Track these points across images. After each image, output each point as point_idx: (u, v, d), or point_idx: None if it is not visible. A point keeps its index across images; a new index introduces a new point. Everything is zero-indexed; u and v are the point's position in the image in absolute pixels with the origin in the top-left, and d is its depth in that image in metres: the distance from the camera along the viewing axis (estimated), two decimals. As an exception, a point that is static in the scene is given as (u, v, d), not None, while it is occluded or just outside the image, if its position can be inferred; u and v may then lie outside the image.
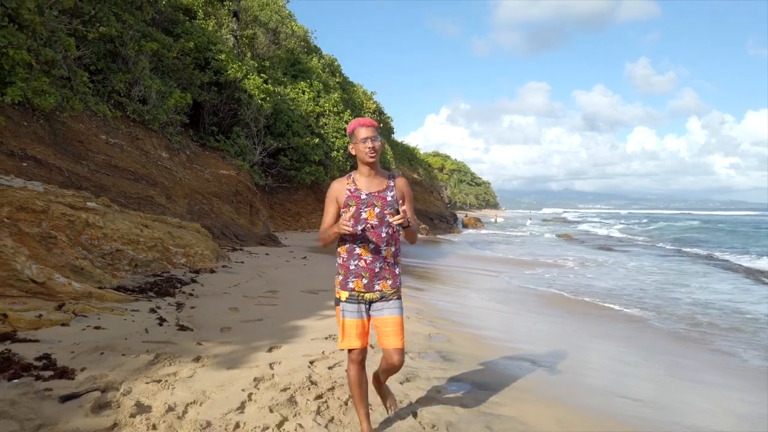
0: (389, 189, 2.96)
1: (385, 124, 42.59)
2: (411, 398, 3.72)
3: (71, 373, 3.57)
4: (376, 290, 2.92)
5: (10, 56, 8.08)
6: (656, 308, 9.44)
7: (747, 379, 5.45)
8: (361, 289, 2.90)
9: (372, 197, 2.91)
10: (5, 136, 7.37)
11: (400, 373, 4.15)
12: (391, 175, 3.04)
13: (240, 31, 25.14)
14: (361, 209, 2.90)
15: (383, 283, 2.93)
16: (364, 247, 2.89)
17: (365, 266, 2.89)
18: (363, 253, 2.89)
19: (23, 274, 4.80)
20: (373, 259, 2.89)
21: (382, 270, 2.93)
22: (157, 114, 14.33)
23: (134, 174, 10.71)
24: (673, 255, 23.23)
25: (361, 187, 2.93)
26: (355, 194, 2.92)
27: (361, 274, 2.89)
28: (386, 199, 2.92)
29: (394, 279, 2.99)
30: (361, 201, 2.90)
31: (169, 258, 7.66)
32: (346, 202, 2.91)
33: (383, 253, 2.91)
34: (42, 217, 5.92)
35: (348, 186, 2.95)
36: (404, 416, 3.39)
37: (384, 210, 2.89)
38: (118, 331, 4.63)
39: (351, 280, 2.91)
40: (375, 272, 2.90)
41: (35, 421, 2.90)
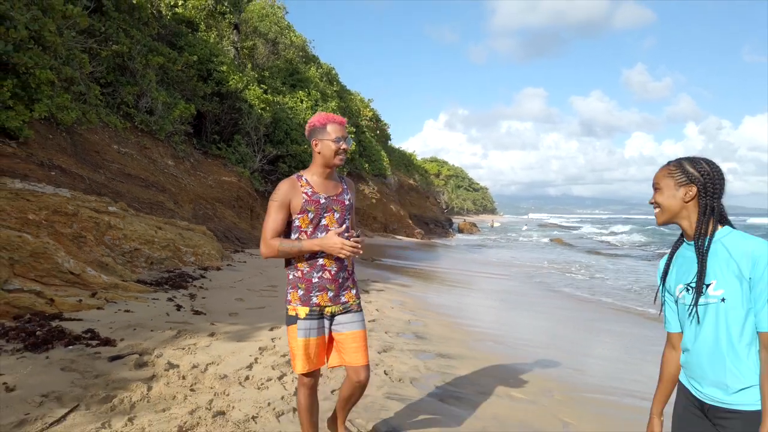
0: (345, 192, 2.73)
1: (381, 131, 43.51)
2: (385, 363, 4.62)
3: (113, 342, 4.47)
4: (342, 302, 2.69)
5: (36, 75, 8.98)
6: (602, 293, 10.35)
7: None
8: (326, 303, 2.65)
9: (331, 201, 2.65)
10: (34, 148, 8.27)
11: (380, 345, 5.06)
12: (341, 178, 2.80)
13: (240, 42, 26.10)
14: (321, 215, 2.62)
15: (348, 293, 2.72)
16: (328, 258, 2.61)
17: (330, 278, 2.63)
18: (327, 263, 2.61)
19: (63, 266, 5.69)
20: (338, 268, 2.65)
21: (346, 280, 2.71)
22: (164, 124, 15.24)
23: (145, 181, 11.61)
24: (655, 258, 24.13)
25: (318, 191, 2.64)
26: (314, 198, 2.61)
27: (326, 287, 2.63)
28: (344, 202, 2.69)
29: (356, 288, 2.80)
30: (321, 206, 2.61)
31: (180, 257, 8.55)
32: (304, 207, 2.59)
33: (345, 261, 2.69)
34: (73, 219, 6.81)
35: (303, 189, 2.62)
36: (378, 373, 4.29)
37: (343, 215, 2.67)
38: (144, 314, 5.53)
39: (315, 295, 2.63)
40: (340, 283, 2.67)
41: (92, 373, 3.79)
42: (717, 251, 1.74)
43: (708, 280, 1.74)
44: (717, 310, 1.72)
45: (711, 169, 1.80)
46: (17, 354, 4.02)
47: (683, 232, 1.87)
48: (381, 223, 30.62)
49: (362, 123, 36.26)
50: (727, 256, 1.72)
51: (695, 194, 1.79)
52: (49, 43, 9.96)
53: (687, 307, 1.80)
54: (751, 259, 1.66)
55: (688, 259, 1.84)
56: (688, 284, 1.80)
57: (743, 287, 1.68)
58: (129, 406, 3.32)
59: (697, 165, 1.81)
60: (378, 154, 35.07)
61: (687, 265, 1.84)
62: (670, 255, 1.95)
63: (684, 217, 1.82)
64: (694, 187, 1.79)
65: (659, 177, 1.86)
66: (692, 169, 1.80)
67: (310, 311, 2.62)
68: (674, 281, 1.89)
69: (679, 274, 1.87)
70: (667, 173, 1.84)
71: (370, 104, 41.77)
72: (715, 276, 1.72)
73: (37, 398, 3.28)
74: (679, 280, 1.86)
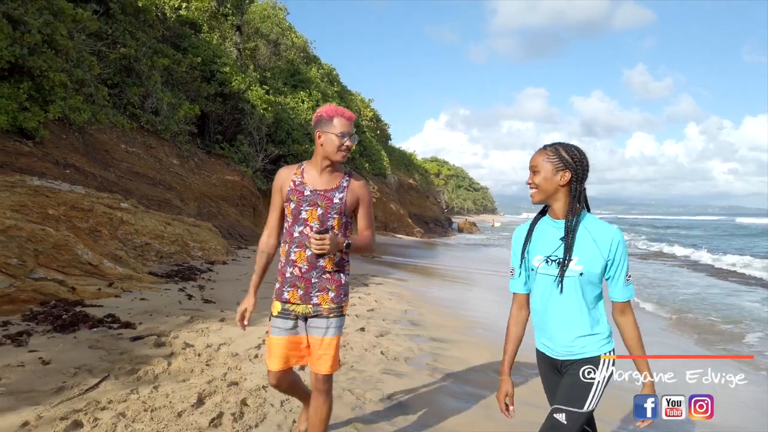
0: (339, 189, 2.51)
1: (382, 131, 43.92)
2: (382, 345, 5.02)
3: (133, 325, 4.88)
4: (313, 303, 2.49)
5: (50, 78, 9.38)
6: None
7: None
8: (296, 301, 2.49)
9: (317, 195, 2.48)
10: (49, 147, 8.68)
11: (377, 330, 5.46)
12: (348, 173, 2.59)
13: (243, 44, 26.51)
14: (301, 207, 2.48)
15: (323, 295, 2.49)
16: (300, 254, 2.48)
17: (299, 275, 2.48)
18: (298, 259, 2.48)
19: (82, 258, 6.10)
20: (309, 267, 2.47)
21: (321, 280, 2.49)
22: (169, 124, 15.64)
23: (152, 179, 12.02)
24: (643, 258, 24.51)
25: (307, 181, 2.51)
26: (299, 188, 2.50)
27: (296, 284, 2.49)
28: (332, 200, 2.48)
29: (338, 290, 2.52)
30: (303, 198, 2.48)
31: (188, 251, 8.96)
32: (288, 195, 2.51)
33: (321, 262, 2.48)
34: (88, 215, 7.22)
35: (295, 177, 2.54)
36: (375, 353, 4.70)
37: (328, 213, 2.47)
38: (158, 302, 5.93)
39: (287, 290, 2.51)
40: (312, 283, 2.48)
41: (117, 351, 4.20)
42: (580, 232, 2.00)
43: (573, 255, 1.99)
44: (574, 282, 1.99)
45: (582, 156, 2.02)
46: (47, 334, 4.43)
47: (549, 210, 2.09)
48: (381, 222, 31.04)
49: (363, 123, 36.68)
50: (590, 238, 1.99)
51: (569, 179, 2.00)
52: (61, 46, 10.36)
53: (553, 278, 2.02)
54: (611, 243, 1.97)
55: (549, 233, 2.07)
56: (549, 257, 2.03)
57: (599, 265, 1.97)
58: (153, 377, 3.73)
59: (571, 152, 2.02)
60: (378, 154, 35.45)
61: (548, 239, 2.06)
62: (530, 228, 2.14)
63: (557, 198, 2.03)
64: (569, 172, 2.00)
65: (538, 161, 2.04)
66: (567, 156, 2.01)
67: (282, 309, 2.53)
68: (533, 252, 2.09)
69: (539, 246, 2.08)
70: (546, 158, 2.02)
71: (371, 104, 42.21)
72: (577, 253, 1.98)
73: (71, 370, 3.69)
74: (539, 251, 2.07)
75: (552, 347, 2.11)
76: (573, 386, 2.03)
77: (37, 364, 3.76)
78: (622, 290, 2.03)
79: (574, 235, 1.98)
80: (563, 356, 2.09)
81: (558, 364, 2.12)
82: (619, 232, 2.02)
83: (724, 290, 12.29)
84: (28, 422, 2.91)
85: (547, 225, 2.09)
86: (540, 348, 2.17)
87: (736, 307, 9.70)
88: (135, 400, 3.31)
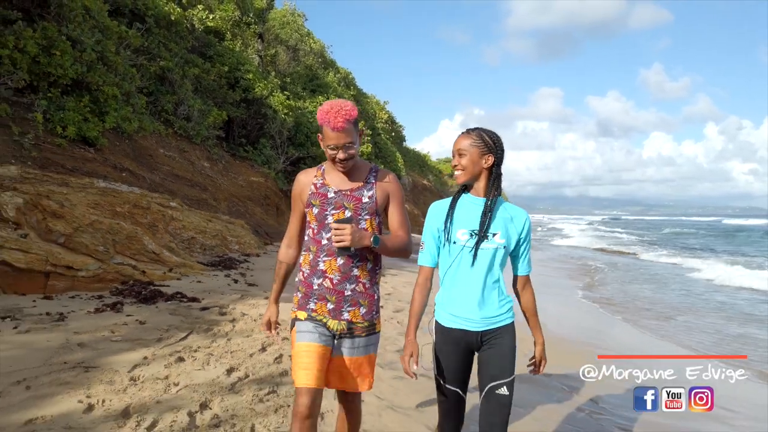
0: (367, 186, 2.31)
1: (396, 133, 45.04)
2: (397, 318, 6.15)
3: (198, 300, 6.07)
4: (344, 319, 2.27)
5: (104, 92, 10.64)
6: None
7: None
8: (324, 315, 2.26)
9: (342, 196, 2.28)
10: (107, 153, 9.92)
11: (393, 308, 6.60)
12: (373, 169, 2.38)
13: (264, 51, 27.80)
14: (326, 211, 2.27)
15: (354, 311, 2.28)
16: (330, 263, 2.25)
17: (331, 287, 2.25)
18: (328, 270, 2.25)
19: (148, 248, 7.30)
20: (342, 278, 2.25)
21: (355, 293, 2.27)
22: (200, 129, 16.91)
23: (190, 181, 13.25)
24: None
25: (329, 182, 2.31)
26: (321, 190, 2.30)
27: (325, 297, 2.26)
28: (361, 199, 2.28)
29: (370, 306, 2.32)
30: (327, 201, 2.28)
31: (226, 245, 10.16)
32: (310, 200, 2.30)
33: (355, 271, 2.27)
34: (147, 212, 8.43)
35: (315, 179, 2.34)
36: (393, 324, 5.83)
37: (357, 215, 2.26)
38: (211, 284, 7.13)
39: (312, 301, 2.28)
40: (344, 295, 2.26)
41: (192, 316, 5.39)
42: (499, 209, 2.23)
43: (494, 230, 2.19)
44: (494, 253, 2.19)
45: (500, 142, 2.22)
46: (135, 305, 5.63)
47: (471, 189, 2.25)
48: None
49: (378, 125, 37.80)
50: (508, 216, 2.24)
51: (492, 162, 2.18)
52: (111, 62, 11.63)
53: (469, 249, 2.18)
54: (524, 223, 2.26)
55: (471, 210, 2.23)
56: (473, 230, 2.19)
57: (514, 240, 2.24)
58: (224, 333, 4.90)
59: (492, 137, 2.20)
60: (393, 156, 36.57)
61: (471, 214, 2.22)
62: (451, 204, 2.26)
63: (480, 179, 2.21)
64: (492, 156, 2.18)
65: (464, 145, 2.19)
66: (491, 141, 2.19)
67: (308, 316, 2.27)
68: (456, 226, 2.22)
69: (462, 221, 2.22)
70: (472, 143, 2.18)
71: (386, 106, 43.37)
72: (498, 228, 2.19)
73: (163, 327, 4.88)
74: (462, 225, 2.21)
75: (472, 319, 2.20)
76: (501, 357, 2.17)
77: (136, 324, 4.95)
78: (527, 265, 2.32)
79: (494, 212, 2.19)
80: (485, 326, 2.20)
81: (477, 337, 2.20)
82: (528, 214, 2.31)
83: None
84: (146, 357, 4.09)
85: (468, 202, 2.25)
86: (452, 324, 2.22)
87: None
88: (216, 347, 4.48)
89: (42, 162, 7.94)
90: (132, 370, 3.77)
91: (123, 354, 4.10)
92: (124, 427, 2.94)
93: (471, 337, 2.18)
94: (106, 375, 3.63)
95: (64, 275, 5.88)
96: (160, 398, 3.34)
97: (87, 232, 6.34)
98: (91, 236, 6.35)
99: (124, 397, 3.30)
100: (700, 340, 6.91)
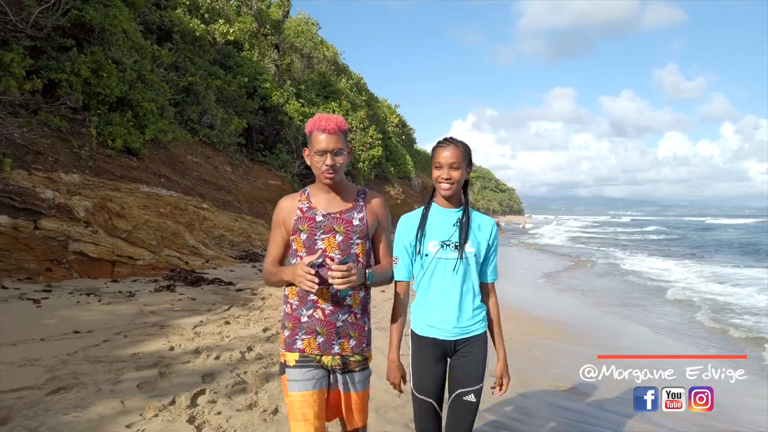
0: (357, 208, 2.16)
1: (407, 136, 46.32)
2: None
3: (233, 284, 7.46)
4: (335, 353, 2.09)
5: (143, 107, 12.10)
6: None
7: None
8: (314, 351, 2.07)
9: (331, 219, 2.10)
10: (147, 162, 11.37)
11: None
12: (360, 191, 2.25)
13: (280, 60, 29.30)
14: (315, 236, 2.08)
15: (344, 343, 2.10)
16: (322, 291, 2.04)
17: (323, 319, 2.07)
18: (320, 300, 2.06)
19: (188, 243, 8.72)
20: (335, 308, 2.07)
21: (346, 324, 2.10)
22: (222, 137, 18.37)
23: (216, 185, 14.70)
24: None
25: (316, 205, 2.13)
26: (308, 214, 2.11)
27: (315, 330, 2.07)
28: (352, 222, 2.12)
29: (360, 337, 2.15)
30: (316, 225, 2.09)
31: (250, 241, 11.57)
32: (296, 226, 2.09)
33: (348, 300, 2.10)
34: (184, 212, 9.85)
35: (300, 204, 2.15)
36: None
37: (349, 239, 2.09)
38: (242, 273, 8.52)
39: (300, 338, 2.08)
40: (335, 327, 2.08)
41: (230, 296, 6.77)
42: (469, 219, 2.18)
43: (468, 239, 2.15)
44: (467, 263, 2.13)
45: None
46: (184, 287, 7.03)
47: (438, 200, 2.22)
48: (405, 222, 33.42)
49: (389, 129, 39.14)
50: (476, 224, 2.19)
51: (469, 173, 2.18)
52: (147, 80, 13.11)
53: (453, 261, 2.12)
54: (491, 230, 2.21)
55: (441, 221, 2.18)
56: (445, 241, 2.13)
57: (484, 248, 2.19)
58: (258, 307, 6.28)
59: (469, 149, 2.17)
60: (403, 158, 37.90)
61: (441, 225, 2.17)
62: (423, 216, 2.22)
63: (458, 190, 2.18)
64: (471, 167, 2.19)
65: (458, 157, 2.11)
66: (469, 153, 2.17)
67: (299, 357, 2.09)
68: (427, 238, 2.16)
69: (433, 233, 2.16)
70: (462, 155, 2.13)
71: (397, 110, 44.66)
72: (468, 238, 2.14)
73: (210, 302, 6.27)
74: (433, 237, 2.15)
75: (446, 329, 2.16)
76: (473, 366, 2.16)
77: (188, 300, 6.34)
78: (493, 273, 2.27)
79: (469, 221, 2.17)
80: (458, 335, 2.17)
81: (450, 346, 2.18)
82: (494, 221, 2.30)
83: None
84: (202, 321, 5.47)
85: (438, 213, 2.21)
86: (426, 333, 2.18)
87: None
88: (252, 315, 5.86)
89: (96, 170, 9.39)
90: (194, 328, 5.14)
91: (184, 319, 5.49)
92: (198, 357, 4.30)
93: (445, 345, 2.17)
94: (176, 330, 5.01)
95: (127, 263, 7.31)
96: (219, 344, 4.71)
97: (142, 229, 7.77)
98: (145, 233, 7.77)
99: (193, 343, 4.68)
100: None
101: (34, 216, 6.96)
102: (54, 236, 6.93)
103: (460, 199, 2.21)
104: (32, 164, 7.89)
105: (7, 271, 6.52)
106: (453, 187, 2.13)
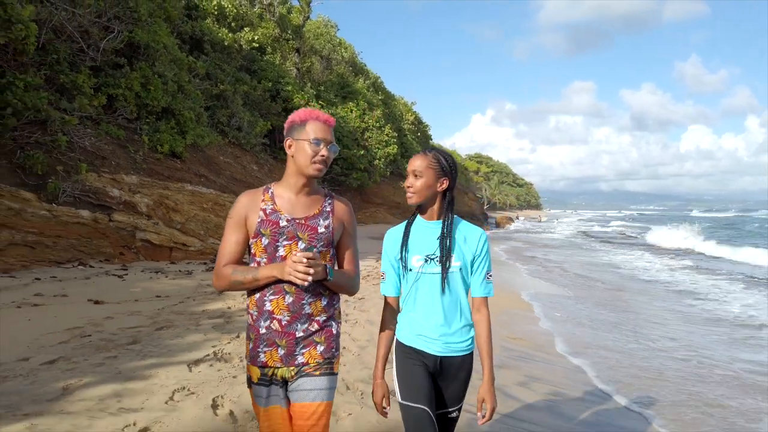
0: (323, 215, 1.98)
1: (422, 133, 47.56)
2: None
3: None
4: (298, 363, 1.90)
5: (184, 115, 13.80)
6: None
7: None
8: (275, 363, 1.89)
9: (296, 225, 1.91)
10: (189, 164, 13.06)
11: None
12: (328, 195, 2.06)
13: (300, 63, 30.94)
14: (278, 242, 1.89)
15: (310, 351, 1.92)
16: (278, 302, 1.87)
17: (280, 330, 1.87)
18: (276, 309, 1.87)
19: (228, 233, 10.40)
20: (292, 318, 1.87)
21: (308, 333, 1.91)
22: (249, 138, 20.08)
23: (245, 182, 16.37)
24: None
25: (281, 208, 1.92)
26: (272, 218, 1.90)
27: (275, 341, 1.88)
28: (317, 229, 1.93)
29: (328, 343, 1.96)
30: (279, 230, 1.89)
31: (277, 233, 13.23)
32: (258, 229, 1.89)
33: (307, 308, 1.90)
34: (223, 208, 11.51)
35: (263, 204, 1.93)
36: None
37: (312, 245, 1.90)
38: (273, 258, 10.17)
39: (262, 350, 1.89)
40: (295, 338, 1.89)
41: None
42: (455, 231, 2.13)
43: (452, 253, 2.09)
44: (454, 278, 2.10)
45: (456, 165, 2.16)
46: (228, 268, 8.68)
47: (422, 212, 2.16)
48: (420, 216, 34.85)
49: (405, 126, 40.54)
50: (461, 236, 2.14)
51: (446, 186, 2.11)
52: (186, 90, 14.81)
53: (437, 275, 2.08)
54: (478, 240, 2.14)
55: (425, 234, 2.14)
56: (429, 255, 2.10)
57: (468, 262, 2.13)
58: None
59: (448, 160, 2.13)
60: (418, 155, 39.20)
61: (425, 239, 2.13)
62: (405, 230, 2.17)
63: (433, 201, 2.12)
64: (447, 180, 2.10)
65: (421, 166, 2.08)
66: (446, 164, 2.11)
67: (261, 375, 1.91)
68: (411, 252, 2.12)
69: (416, 247, 2.12)
70: (429, 165, 2.08)
71: (413, 107, 45.97)
72: (453, 251, 2.09)
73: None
74: (417, 251, 2.12)
75: (432, 345, 2.12)
76: (458, 389, 2.15)
77: (233, 277, 7.98)
78: (482, 286, 2.15)
79: (452, 235, 2.09)
80: (444, 352, 2.12)
81: (436, 361, 2.12)
82: (485, 232, 2.19)
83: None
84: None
85: (422, 226, 2.15)
86: (415, 345, 2.14)
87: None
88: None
89: (149, 172, 11.10)
90: (242, 295, 6.76)
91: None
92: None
93: (430, 359, 2.10)
94: (229, 296, 6.64)
95: (181, 249, 8.99)
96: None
97: (192, 221, 9.46)
98: (195, 224, 9.45)
99: (243, 305, 6.29)
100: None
101: (108, 210, 8.66)
102: (124, 227, 8.63)
103: (448, 210, 2.13)
104: (100, 168, 9.61)
105: (91, 254, 8.24)
106: (414, 195, 2.09)
